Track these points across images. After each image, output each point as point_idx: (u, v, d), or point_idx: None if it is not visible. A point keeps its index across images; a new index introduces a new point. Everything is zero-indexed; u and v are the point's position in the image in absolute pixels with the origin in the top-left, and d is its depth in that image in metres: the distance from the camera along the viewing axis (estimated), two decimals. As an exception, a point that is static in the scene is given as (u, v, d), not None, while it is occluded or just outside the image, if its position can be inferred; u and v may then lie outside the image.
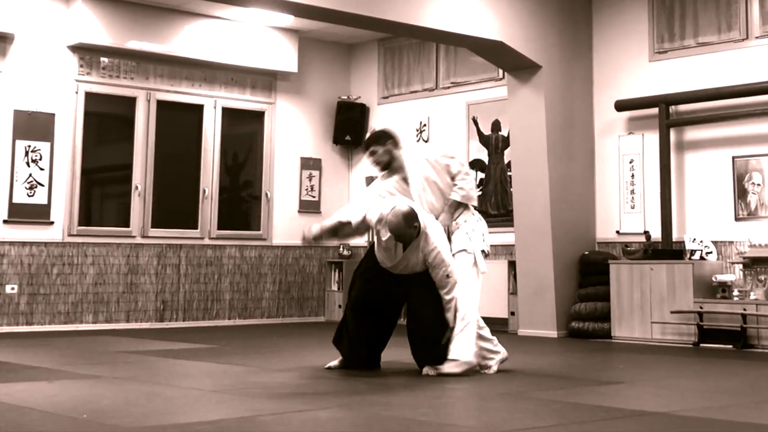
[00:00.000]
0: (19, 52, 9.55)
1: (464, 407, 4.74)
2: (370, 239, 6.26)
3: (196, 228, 10.57)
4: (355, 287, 6.13)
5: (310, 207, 11.39)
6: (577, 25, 9.52)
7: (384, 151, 6.09)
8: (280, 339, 8.70)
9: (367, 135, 6.32)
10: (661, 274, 8.39)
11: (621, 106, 9.20)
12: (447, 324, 5.79)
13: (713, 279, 8.23)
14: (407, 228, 5.64)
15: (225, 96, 10.84)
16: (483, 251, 6.04)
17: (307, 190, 11.33)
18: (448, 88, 10.79)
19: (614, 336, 8.68)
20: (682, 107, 8.91)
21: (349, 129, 11.43)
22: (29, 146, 9.46)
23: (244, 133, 11.23)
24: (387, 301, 6.03)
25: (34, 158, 9.47)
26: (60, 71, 9.77)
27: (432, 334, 5.82)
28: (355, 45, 11.81)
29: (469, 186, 6.06)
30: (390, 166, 6.13)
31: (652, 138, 9.04)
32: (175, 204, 10.55)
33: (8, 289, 9.31)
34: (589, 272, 9.09)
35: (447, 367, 5.76)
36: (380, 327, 6.07)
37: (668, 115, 8.87)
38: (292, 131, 11.39)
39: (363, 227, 5.94)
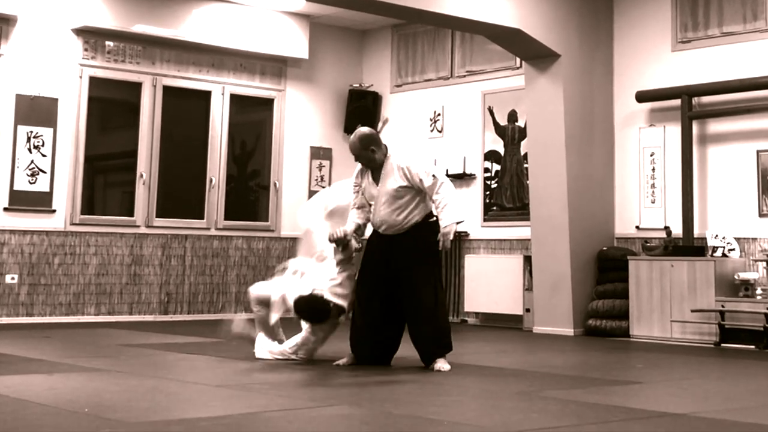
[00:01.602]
0: (22, 35, 9.40)
1: (478, 406, 4.72)
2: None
3: (202, 218, 10.41)
4: (358, 280, 6.17)
5: (319, 198, 11.24)
6: (598, 13, 9.41)
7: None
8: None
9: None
10: (681, 272, 8.29)
11: (642, 97, 9.09)
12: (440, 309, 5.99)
13: (736, 277, 8.14)
14: (362, 149, 5.86)
15: (233, 82, 10.68)
16: None
17: (316, 180, 11.16)
18: (464, 76, 10.64)
19: (633, 335, 8.59)
20: (705, 99, 8.82)
21: (361, 118, 11.21)
22: (31, 132, 9.32)
23: (253, 120, 11.12)
24: (388, 283, 5.95)
25: (36, 144, 9.33)
26: (64, 55, 9.62)
27: (434, 321, 5.91)
28: (367, 31, 11.66)
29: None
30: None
31: (674, 130, 8.91)
32: (180, 193, 10.44)
33: (8, 278, 9.21)
34: (607, 268, 9.00)
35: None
36: (386, 318, 6.00)
37: (691, 107, 8.77)
38: (302, 119, 11.23)
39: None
